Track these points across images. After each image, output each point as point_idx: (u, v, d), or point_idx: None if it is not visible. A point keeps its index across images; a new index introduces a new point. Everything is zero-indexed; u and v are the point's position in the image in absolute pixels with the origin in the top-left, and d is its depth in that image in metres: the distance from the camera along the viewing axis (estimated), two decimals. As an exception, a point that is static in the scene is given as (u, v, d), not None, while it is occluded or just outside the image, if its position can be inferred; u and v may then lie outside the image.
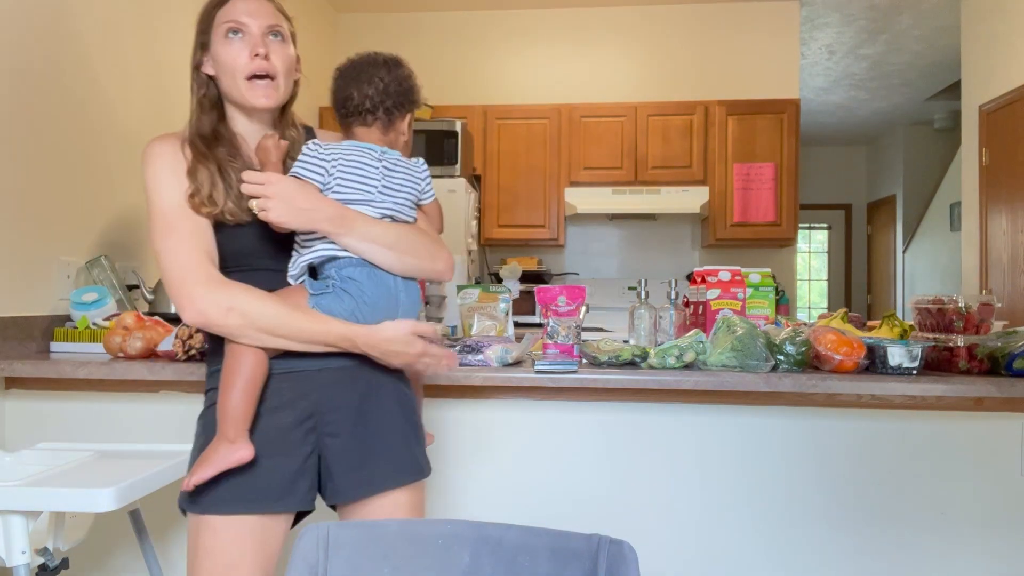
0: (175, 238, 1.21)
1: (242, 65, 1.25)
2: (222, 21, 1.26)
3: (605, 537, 0.88)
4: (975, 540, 1.80)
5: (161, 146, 1.26)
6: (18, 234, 2.05)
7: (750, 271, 2.14)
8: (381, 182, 1.29)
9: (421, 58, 4.73)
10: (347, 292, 1.25)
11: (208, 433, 1.25)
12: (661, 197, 4.42)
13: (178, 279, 1.19)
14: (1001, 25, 4.03)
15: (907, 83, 6.20)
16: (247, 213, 1.24)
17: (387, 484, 1.32)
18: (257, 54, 1.24)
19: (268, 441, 1.24)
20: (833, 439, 1.83)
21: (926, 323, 1.91)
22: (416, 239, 1.32)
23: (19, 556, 1.32)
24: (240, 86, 1.26)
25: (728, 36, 4.68)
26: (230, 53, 1.25)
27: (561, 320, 1.80)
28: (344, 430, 1.29)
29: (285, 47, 1.29)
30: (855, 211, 8.55)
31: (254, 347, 1.21)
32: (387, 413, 1.33)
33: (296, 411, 1.27)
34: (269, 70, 1.26)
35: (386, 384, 1.35)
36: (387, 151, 1.32)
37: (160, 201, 1.23)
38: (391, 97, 1.33)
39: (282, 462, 1.24)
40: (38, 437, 1.95)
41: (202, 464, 1.18)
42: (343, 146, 1.29)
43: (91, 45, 2.33)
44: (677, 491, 1.86)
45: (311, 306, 1.24)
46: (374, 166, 1.29)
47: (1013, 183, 3.92)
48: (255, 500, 1.22)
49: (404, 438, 1.35)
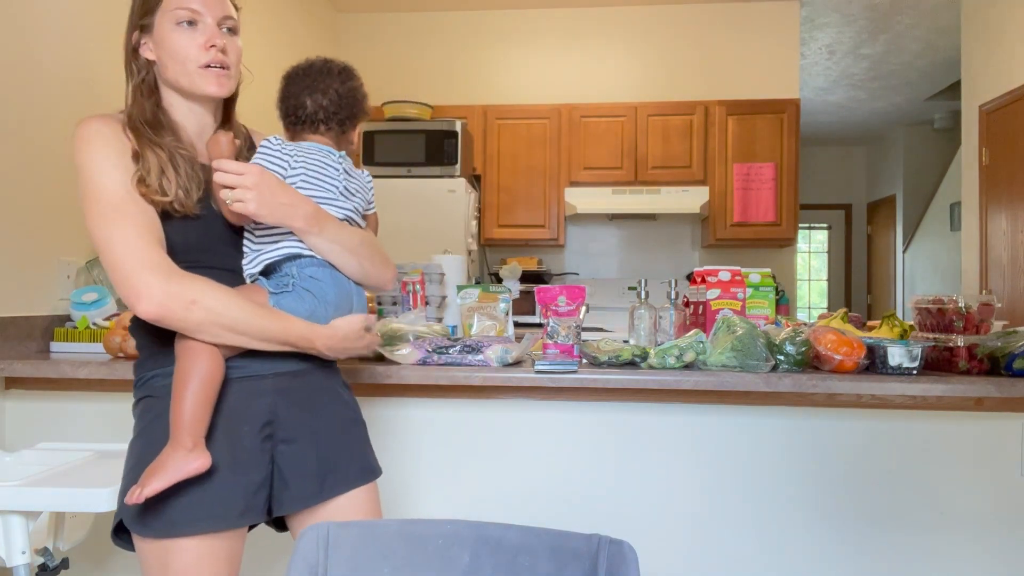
0: (124, 224, 1.11)
1: (195, 55, 1.20)
2: (173, 7, 1.20)
3: (605, 537, 0.88)
4: (975, 540, 1.80)
5: (99, 125, 1.18)
6: (18, 234, 2.05)
7: (750, 271, 2.14)
8: (343, 183, 1.30)
9: (421, 58, 4.74)
10: (309, 291, 1.24)
11: (143, 447, 1.17)
12: (661, 197, 4.42)
13: (131, 269, 1.09)
14: (1001, 25, 4.03)
15: (907, 83, 6.20)
16: (196, 206, 1.19)
17: (343, 487, 1.30)
18: (214, 45, 1.21)
19: (224, 451, 1.16)
20: (833, 439, 1.83)
21: (926, 323, 1.91)
22: (374, 246, 1.34)
23: (19, 556, 1.32)
24: (191, 74, 1.21)
25: (728, 36, 4.68)
26: (181, 42, 1.20)
27: (561, 320, 1.80)
28: (299, 435, 1.26)
29: (236, 40, 1.27)
30: (855, 211, 8.55)
31: (210, 346, 1.14)
32: (337, 415, 1.32)
33: (251, 419, 1.21)
34: (224, 62, 1.23)
35: (332, 387, 1.35)
36: (344, 156, 1.33)
37: (102, 184, 1.14)
38: (344, 109, 1.33)
39: (243, 473, 1.17)
40: (38, 437, 1.95)
41: (155, 474, 1.07)
42: (304, 145, 1.30)
43: (92, 44, 2.32)
44: (677, 491, 1.86)
45: (271, 304, 1.21)
46: (335, 168, 1.30)
47: (1013, 183, 3.92)
48: (221, 517, 1.14)
49: (356, 440, 1.35)
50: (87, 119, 1.19)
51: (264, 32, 3.62)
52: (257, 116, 4.00)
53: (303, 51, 4.48)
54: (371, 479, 1.35)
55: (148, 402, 1.21)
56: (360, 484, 1.32)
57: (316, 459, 1.26)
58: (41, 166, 2.12)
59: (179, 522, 1.11)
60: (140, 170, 1.15)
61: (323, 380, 1.33)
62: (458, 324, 2.24)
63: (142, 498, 1.06)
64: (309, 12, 4.32)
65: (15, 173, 2.03)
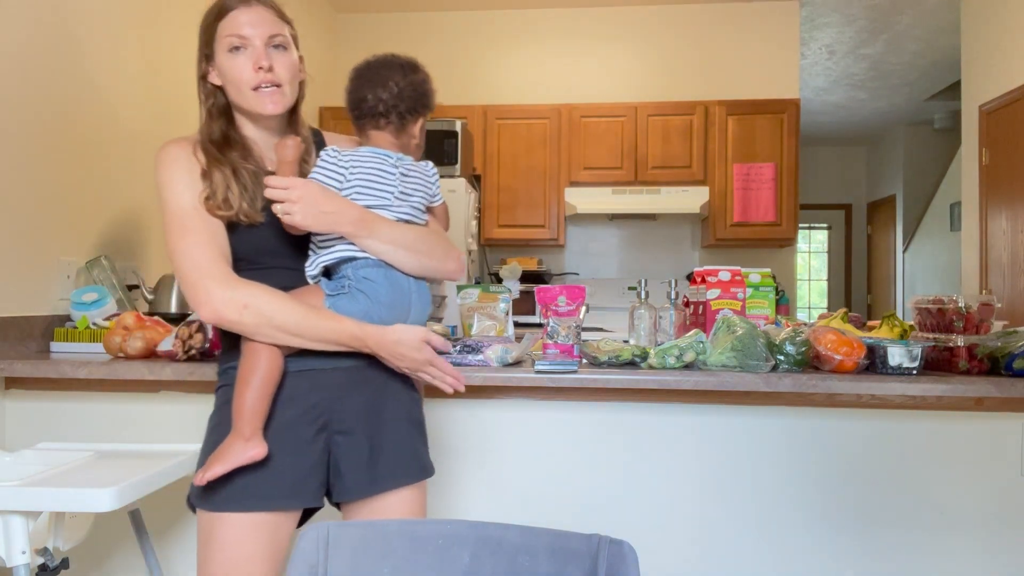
0: (190, 239, 1.24)
1: (247, 78, 1.27)
2: (224, 34, 1.28)
3: (605, 537, 0.88)
4: (975, 540, 1.80)
5: (175, 150, 1.29)
6: (18, 234, 2.05)
7: (750, 271, 2.14)
8: (398, 188, 1.33)
9: (421, 58, 4.70)
10: (363, 292, 1.28)
11: (219, 431, 1.27)
12: (661, 197, 4.42)
13: (194, 278, 1.22)
14: (1001, 25, 4.03)
15: (907, 83, 6.20)
16: (260, 214, 1.28)
17: (393, 483, 1.34)
18: (261, 67, 1.27)
19: (281, 439, 1.26)
20: (833, 439, 1.83)
21: (926, 323, 1.91)
22: (432, 240, 1.37)
23: (19, 556, 1.32)
24: (247, 96, 1.29)
25: (728, 36, 4.68)
26: (235, 67, 1.28)
27: (561, 320, 1.80)
28: (353, 428, 1.32)
29: (287, 55, 1.32)
30: (855, 211, 8.55)
31: (270, 346, 1.24)
32: (394, 413, 1.36)
33: (308, 410, 1.29)
34: (274, 80, 1.29)
35: (393, 385, 1.37)
36: (402, 157, 1.35)
37: (175, 203, 1.26)
38: (404, 101, 1.34)
39: (294, 460, 1.27)
40: (38, 437, 1.95)
41: (216, 460, 1.20)
42: (360, 153, 1.32)
43: (91, 45, 2.32)
44: (677, 491, 1.86)
45: (327, 306, 1.26)
46: (391, 172, 1.32)
47: (1013, 183, 3.92)
48: (268, 497, 1.24)
49: (410, 438, 1.38)
50: (166, 144, 1.31)
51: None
52: (257, 116, 3.88)
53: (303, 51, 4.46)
54: (422, 478, 1.38)
55: (226, 390, 1.32)
56: (411, 482, 1.36)
57: (369, 452, 1.32)
58: (41, 166, 2.12)
59: (229, 499, 1.23)
60: (207, 189, 1.26)
61: (386, 378, 1.36)
62: (458, 324, 2.24)
63: (204, 481, 1.19)
64: (309, 12, 4.32)
65: (15, 173, 2.03)
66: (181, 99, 2.85)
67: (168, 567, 1.96)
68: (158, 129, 2.69)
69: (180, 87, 2.83)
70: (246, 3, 1.29)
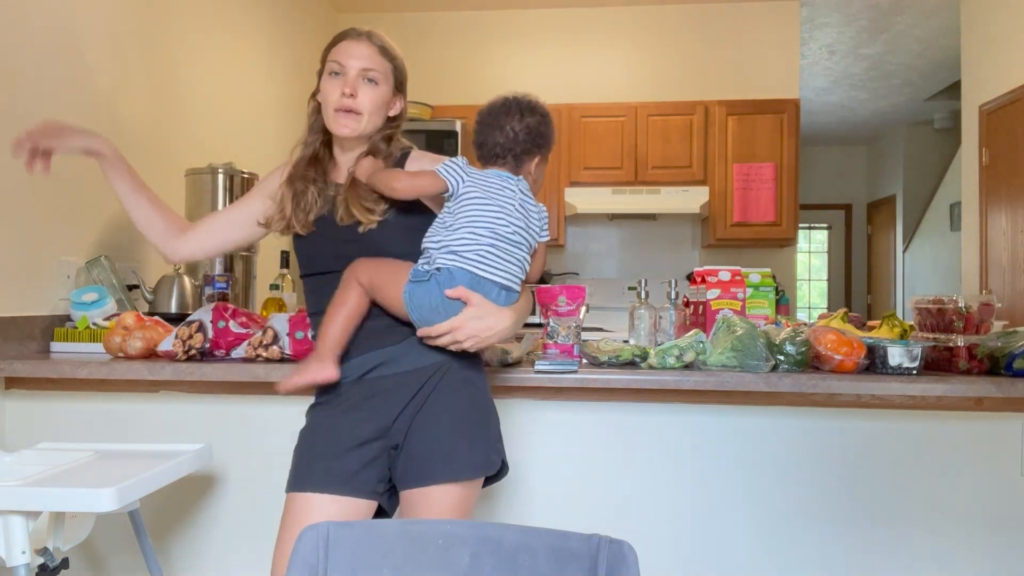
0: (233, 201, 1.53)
1: (333, 100, 1.44)
2: (331, 59, 1.47)
3: (605, 537, 0.88)
4: (975, 540, 1.80)
5: (275, 171, 1.58)
6: (18, 234, 2.05)
7: (750, 271, 2.14)
8: (519, 202, 1.42)
9: (421, 58, 4.73)
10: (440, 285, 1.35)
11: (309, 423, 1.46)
12: (661, 197, 4.42)
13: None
14: (1001, 25, 4.03)
15: (907, 83, 6.20)
16: (311, 225, 1.46)
17: (431, 479, 1.37)
18: (344, 92, 1.43)
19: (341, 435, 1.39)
20: (833, 439, 1.83)
21: (926, 323, 1.91)
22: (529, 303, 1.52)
23: (19, 556, 1.32)
24: (329, 116, 1.45)
25: (728, 36, 4.68)
26: (327, 89, 1.46)
27: (561, 320, 1.80)
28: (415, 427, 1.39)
29: (377, 89, 1.47)
30: (855, 211, 8.55)
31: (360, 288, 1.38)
32: (453, 411, 1.41)
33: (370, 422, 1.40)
34: (353, 107, 1.44)
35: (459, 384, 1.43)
36: (521, 180, 1.45)
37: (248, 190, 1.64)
38: (520, 145, 1.45)
39: (351, 453, 1.38)
40: (38, 437, 1.95)
41: (295, 373, 1.36)
42: (484, 171, 1.45)
43: (91, 44, 2.32)
44: (677, 491, 1.86)
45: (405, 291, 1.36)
46: (512, 190, 1.42)
47: (1013, 183, 3.92)
48: (324, 483, 1.36)
49: (461, 436, 1.40)
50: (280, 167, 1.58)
51: (264, 32, 3.62)
52: (257, 116, 4.02)
53: (303, 51, 4.49)
54: (456, 478, 1.38)
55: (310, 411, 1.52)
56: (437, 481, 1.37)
57: (416, 450, 1.38)
58: (41, 166, 2.12)
59: (294, 481, 1.39)
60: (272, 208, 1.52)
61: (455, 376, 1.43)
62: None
63: (286, 389, 1.37)
64: (309, 12, 4.32)
65: (15, 173, 2.03)
66: (182, 99, 2.85)
67: (168, 567, 1.96)
68: (158, 128, 2.70)
69: (180, 87, 2.83)
70: (356, 37, 1.50)
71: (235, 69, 3.34)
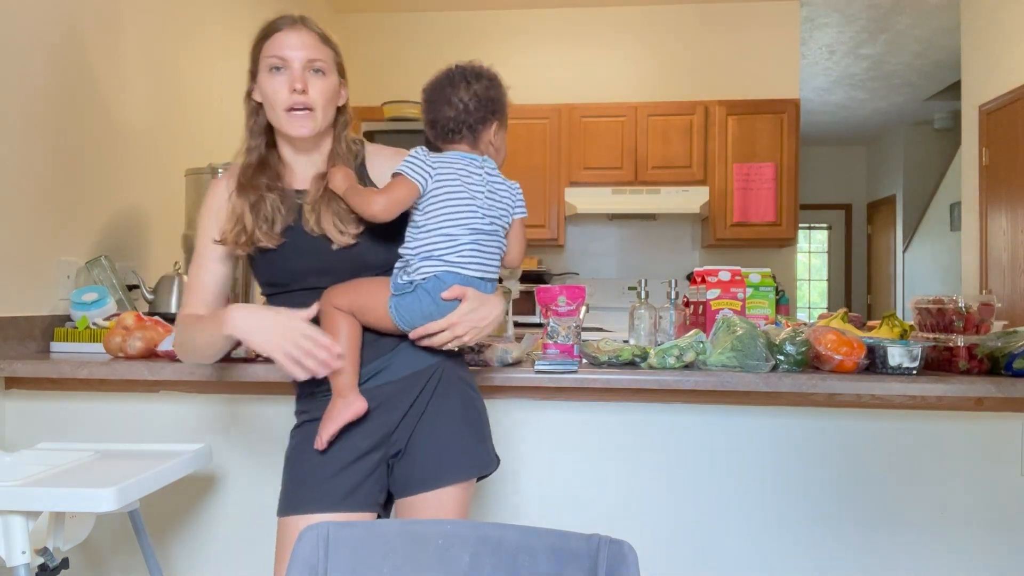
0: (193, 270, 1.43)
1: (282, 99, 1.32)
2: (267, 54, 1.34)
3: (605, 537, 0.88)
4: (975, 540, 1.80)
5: (216, 188, 1.42)
6: (18, 234, 2.05)
7: (750, 271, 2.14)
8: (486, 187, 1.36)
9: (421, 58, 4.73)
10: (427, 292, 1.31)
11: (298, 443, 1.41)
12: (661, 197, 4.42)
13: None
14: (1001, 25, 4.03)
15: (907, 83, 6.19)
16: (278, 236, 1.35)
17: (441, 481, 1.36)
18: (295, 89, 1.31)
19: (337, 453, 1.36)
20: (833, 439, 1.83)
21: (926, 323, 1.91)
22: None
23: (19, 556, 1.32)
24: (280, 117, 1.34)
25: (728, 36, 4.68)
26: (272, 87, 1.33)
27: (561, 320, 1.80)
28: (411, 435, 1.38)
29: (326, 79, 1.36)
30: (855, 211, 8.55)
31: (343, 312, 1.33)
32: (448, 413, 1.39)
33: (370, 429, 1.37)
34: (307, 103, 1.33)
35: (451, 386, 1.42)
36: (487, 159, 1.39)
37: (199, 237, 1.43)
38: (472, 115, 1.38)
39: (347, 469, 1.35)
40: (38, 437, 1.95)
41: (327, 422, 1.32)
42: (447, 155, 1.36)
43: (91, 45, 2.32)
44: (677, 491, 1.86)
45: (391, 306, 1.33)
46: (477, 173, 1.36)
47: (1013, 183, 3.92)
48: (320, 501, 1.33)
49: (458, 439, 1.40)
50: (215, 181, 1.44)
51: (264, 32, 3.61)
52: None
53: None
54: (463, 479, 1.39)
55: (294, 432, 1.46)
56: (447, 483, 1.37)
57: (422, 455, 1.37)
58: (41, 166, 2.12)
59: (288, 505, 1.35)
60: (227, 225, 1.37)
61: (451, 376, 1.42)
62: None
63: (323, 444, 1.32)
64: (308, 12, 4.30)
65: (15, 173, 2.03)
66: (182, 99, 2.85)
67: (168, 567, 1.96)
68: (158, 129, 2.70)
69: (180, 87, 2.83)
70: (292, 26, 1.35)
71: (235, 69, 3.34)
